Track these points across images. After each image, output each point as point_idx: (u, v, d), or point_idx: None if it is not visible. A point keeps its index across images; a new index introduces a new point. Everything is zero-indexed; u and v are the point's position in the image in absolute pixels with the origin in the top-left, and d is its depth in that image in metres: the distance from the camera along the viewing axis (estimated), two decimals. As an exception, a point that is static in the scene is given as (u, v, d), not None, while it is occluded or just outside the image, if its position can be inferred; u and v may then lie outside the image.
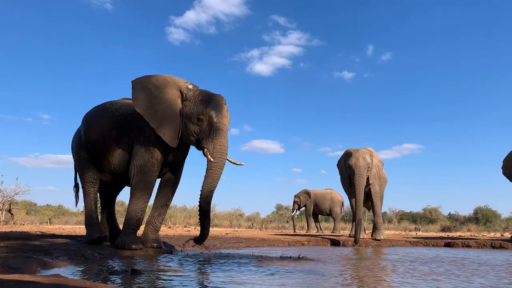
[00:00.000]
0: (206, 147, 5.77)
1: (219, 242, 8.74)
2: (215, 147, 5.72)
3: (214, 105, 5.86)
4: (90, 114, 6.88)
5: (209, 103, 5.87)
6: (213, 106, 5.84)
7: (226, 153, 5.81)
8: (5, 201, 17.53)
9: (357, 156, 10.61)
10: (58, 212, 27.32)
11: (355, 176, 10.38)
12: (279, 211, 32.41)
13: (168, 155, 6.24)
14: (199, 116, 5.84)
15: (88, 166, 6.74)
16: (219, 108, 5.85)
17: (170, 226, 19.81)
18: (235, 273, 4.27)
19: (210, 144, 5.75)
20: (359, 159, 10.53)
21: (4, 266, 3.61)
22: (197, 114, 5.86)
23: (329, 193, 18.80)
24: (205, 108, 5.83)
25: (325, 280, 4.02)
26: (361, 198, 10.28)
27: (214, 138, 5.75)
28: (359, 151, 10.82)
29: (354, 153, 10.71)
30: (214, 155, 5.71)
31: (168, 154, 6.24)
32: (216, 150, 5.72)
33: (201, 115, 5.82)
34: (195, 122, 5.88)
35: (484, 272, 4.97)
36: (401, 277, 4.37)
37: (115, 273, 3.86)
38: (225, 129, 5.86)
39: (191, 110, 5.93)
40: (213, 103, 5.87)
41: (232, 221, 26.83)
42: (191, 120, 5.92)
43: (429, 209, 28.20)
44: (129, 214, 6.07)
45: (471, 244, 10.99)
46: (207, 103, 5.88)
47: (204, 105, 5.87)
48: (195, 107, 5.91)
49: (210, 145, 5.74)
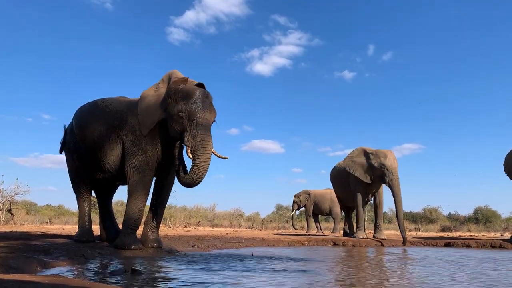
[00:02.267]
0: (187, 145, 5.66)
1: (219, 242, 8.75)
2: (196, 143, 5.58)
3: (194, 100, 5.70)
4: (80, 110, 6.93)
5: (189, 99, 5.73)
6: (193, 102, 5.69)
7: (209, 148, 5.65)
8: (5, 201, 17.53)
9: (393, 157, 11.27)
10: (58, 212, 27.31)
11: (393, 177, 10.95)
12: (279, 211, 32.41)
13: (161, 153, 6.21)
14: (179, 113, 5.71)
15: (80, 163, 6.78)
16: (198, 103, 5.71)
17: (170, 226, 19.80)
18: (235, 273, 4.27)
19: (190, 141, 5.62)
20: (396, 161, 11.21)
21: (4, 266, 3.61)
22: (177, 111, 5.73)
23: (329, 193, 18.82)
24: (184, 105, 5.70)
25: (325, 280, 4.02)
26: (400, 199, 10.84)
27: (194, 135, 5.61)
28: (391, 152, 11.40)
29: (389, 154, 11.30)
30: (196, 151, 5.57)
31: (161, 153, 6.21)
32: (197, 146, 5.57)
33: (181, 112, 5.69)
34: (176, 119, 5.76)
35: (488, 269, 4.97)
36: (402, 278, 4.37)
37: (115, 273, 3.86)
38: (207, 123, 5.71)
39: (172, 108, 5.82)
40: (193, 98, 5.72)
41: (232, 221, 26.82)
42: (173, 117, 5.81)
43: (429, 209, 28.20)
44: (127, 214, 6.07)
45: (471, 244, 11.00)
46: (187, 99, 5.73)
47: (184, 101, 5.72)
48: (176, 104, 5.79)
49: (191, 142, 5.62)
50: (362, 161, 11.67)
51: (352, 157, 11.97)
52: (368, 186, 11.80)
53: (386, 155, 11.28)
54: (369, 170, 11.51)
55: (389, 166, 11.05)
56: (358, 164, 11.71)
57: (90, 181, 6.91)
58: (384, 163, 11.09)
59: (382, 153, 11.39)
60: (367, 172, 11.54)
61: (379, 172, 11.24)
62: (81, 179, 6.90)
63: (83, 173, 6.84)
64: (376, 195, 12.01)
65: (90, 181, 6.90)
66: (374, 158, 11.42)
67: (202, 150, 5.58)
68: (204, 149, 5.59)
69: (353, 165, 11.76)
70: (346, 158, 12.16)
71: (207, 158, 5.62)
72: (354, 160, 11.85)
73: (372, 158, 11.46)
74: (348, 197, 12.61)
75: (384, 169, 11.09)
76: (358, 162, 11.75)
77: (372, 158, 11.44)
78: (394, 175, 10.98)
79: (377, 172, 11.30)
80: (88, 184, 6.95)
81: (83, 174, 6.84)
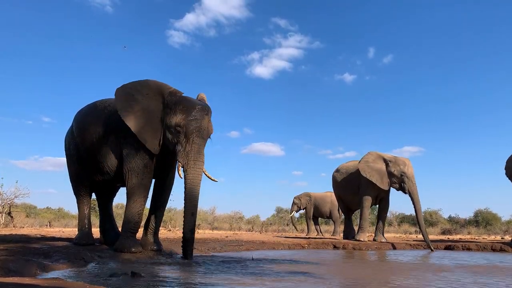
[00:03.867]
0: (180, 161, 5.69)
1: (219, 245, 8.73)
2: (189, 163, 5.63)
3: (193, 116, 5.67)
4: (80, 112, 6.94)
5: (188, 114, 5.67)
6: (192, 119, 5.66)
7: (200, 170, 5.71)
8: (5, 204, 17.51)
9: (411, 165, 11.49)
10: (58, 215, 27.27)
11: (413, 185, 11.14)
12: (279, 214, 32.35)
13: (160, 156, 6.19)
14: (176, 127, 5.69)
15: (80, 165, 6.78)
16: (197, 120, 5.68)
17: (170, 229, 19.77)
18: (235, 277, 4.25)
19: (184, 159, 5.66)
20: (413, 169, 11.46)
21: (4, 269, 3.60)
22: (175, 124, 5.70)
23: (330, 196, 18.79)
24: (183, 120, 5.66)
25: (326, 282, 4.01)
26: (420, 207, 11.05)
27: (189, 153, 5.64)
28: (408, 160, 11.63)
29: (407, 162, 11.51)
30: (188, 171, 5.63)
31: (160, 155, 6.18)
32: (189, 166, 5.63)
33: (178, 126, 5.67)
34: (173, 132, 5.75)
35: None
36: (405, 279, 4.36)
37: (115, 276, 3.85)
38: (202, 144, 5.74)
39: (170, 119, 5.78)
40: (192, 114, 5.67)
41: (232, 224, 26.77)
42: (170, 130, 5.80)
43: (429, 212, 28.14)
44: (126, 217, 6.05)
45: (472, 247, 10.97)
46: (187, 113, 5.68)
47: (183, 116, 5.68)
48: (174, 117, 5.74)
49: (184, 160, 5.65)
50: (380, 167, 11.67)
51: (368, 162, 11.88)
52: (379, 191, 11.83)
53: (405, 163, 11.41)
54: (387, 177, 11.55)
55: (409, 174, 11.20)
56: (375, 170, 11.67)
57: (90, 184, 6.90)
58: (404, 171, 11.23)
59: (401, 161, 11.50)
60: (384, 178, 11.58)
61: (398, 180, 11.37)
62: (81, 181, 6.89)
63: (83, 176, 6.83)
64: (383, 199, 12.05)
65: (90, 183, 6.89)
66: (393, 166, 11.49)
67: (193, 171, 5.65)
68: (196, 169, 5.66)
69: (370, 171, 11.69)
70: (361, 163, 12.01)
71: (197, 180, 5.69)
72: (370, 166, 11.78)
73: (392, 165, 11.52)
74: (354, 199, 12.61)
75: (404, 177, 11.22)
76: (375, 168, 11.70)
77: (392, 166, 11.51)
78: (413, 183, 11.15)
79: (395, 180, 11.41)
80: (88, 187, 6.94)
81: (83, 176, 6.83)
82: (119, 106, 5.96)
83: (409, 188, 11.12)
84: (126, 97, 6.02)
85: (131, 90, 6.07)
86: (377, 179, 11.54)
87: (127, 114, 5.88)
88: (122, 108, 5.93)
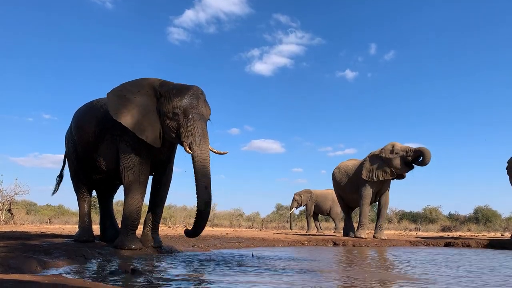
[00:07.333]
0: (185, 141, 5.63)
1: (219, 242, 8.74)
2: (195, 139, 5.56)
3: (188, 96, 5.70)
4: (78, 111, 6.98)
5: (183, 95, 5.72)
6: (187, 98, 5.69)
7: (207, 143, 5.66)
8: (5, 201, 17.54)
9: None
10: (58, 212, 27.35)
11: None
12: (279, 211, 32.41)
13: (155, 152, 6.20)
14: (174, 110, 5.68)
15: (78, 164, 6.81)
16: (193, 99, 5.70)
17: (170, 226, 19.81)
18: (235, 274, 4.26)
19: (188, 137, 5.60)
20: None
21: (4, 266, 3.61)
22: (172, 108, 5.70)
23: (330, 193, 18.82)
24: (179, 101, 5.68)
25: (327, 280, 4.02)
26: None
27: (192, 130, 5.60)
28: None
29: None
30: (194, 148, 5.55)
31: (155, 151, 6.19)
32: (195, 142, 5.56)
33: (176, 108, 5.67)
34: (171, 117, 5.72)
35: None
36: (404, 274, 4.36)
37: (115, 273, 3.85)
38: (203, 119, 5.72)
39: (166, 106, 5.78)
40: (187, 95, 5.72)
41: (232, 221, 26.84)
42: (168, 115, 5.77)
43: (429, 209, 28.20)
44: (124, 214, 6.06)
45: (472, 244, 10.99)
46: (181, 95, 5.72)
47: (178, 98, 5.70)
48: (170, 102, 5.75)
49: (189, 138, 5.60)
50: (400, 161, 11.68)
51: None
52: (379, 188, 11.86)
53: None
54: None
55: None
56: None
57: (89, 182, 6.93)
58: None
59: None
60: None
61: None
62: (80, 179, 6.93)
63: (82, 174, 6.87)
64: (383, 195, 12.04)
65: (89, 181, 6.92)
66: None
67: (199, 146, 5.55)
68: (202, 144, 5.58)
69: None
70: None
71: (205, 155, 5.58)
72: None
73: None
74: (354, 197, 12.64)
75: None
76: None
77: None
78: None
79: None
80: (87, 185, 6.96)
81: (82, 174, 6.87)
82: (112, 110, 5.84)
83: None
84: (118, 99, 5.95)
85: (121, 92, 6.01)
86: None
87: (122, 116, 5.80)
88: (117, 111, 5.83)
